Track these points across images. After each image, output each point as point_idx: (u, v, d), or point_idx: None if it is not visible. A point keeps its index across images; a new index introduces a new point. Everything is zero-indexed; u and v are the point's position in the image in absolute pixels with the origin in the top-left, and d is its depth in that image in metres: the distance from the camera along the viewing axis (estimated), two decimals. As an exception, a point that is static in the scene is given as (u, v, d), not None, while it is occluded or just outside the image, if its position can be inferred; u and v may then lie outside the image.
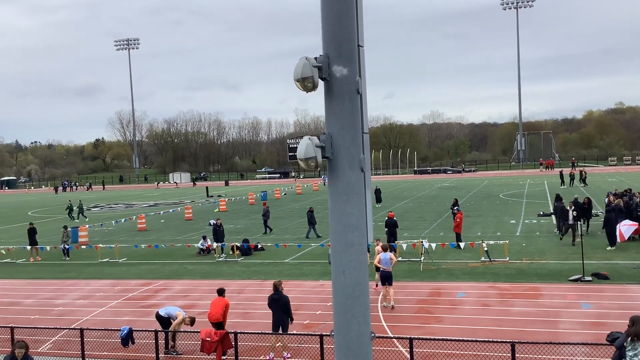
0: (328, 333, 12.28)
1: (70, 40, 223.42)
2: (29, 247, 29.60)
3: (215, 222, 28.63)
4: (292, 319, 14.08)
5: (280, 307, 13.88)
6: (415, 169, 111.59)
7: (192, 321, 14.72)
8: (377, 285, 19.09)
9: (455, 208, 30.64)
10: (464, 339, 12.82)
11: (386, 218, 27.26)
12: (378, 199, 46.35)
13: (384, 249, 18.45)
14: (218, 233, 27.63)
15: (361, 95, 4.55)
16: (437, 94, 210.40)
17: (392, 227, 26.36)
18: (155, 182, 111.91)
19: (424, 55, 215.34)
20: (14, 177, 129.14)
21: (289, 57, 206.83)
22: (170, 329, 14.70)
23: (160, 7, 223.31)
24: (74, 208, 49.73)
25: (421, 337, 13.25)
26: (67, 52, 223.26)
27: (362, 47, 4.59)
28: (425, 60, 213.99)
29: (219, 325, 14.38)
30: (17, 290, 22.59)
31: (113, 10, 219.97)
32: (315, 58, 4.42)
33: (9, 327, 14.75)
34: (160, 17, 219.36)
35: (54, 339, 15.94)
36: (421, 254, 23.50)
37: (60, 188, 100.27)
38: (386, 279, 17.75)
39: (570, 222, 26.27)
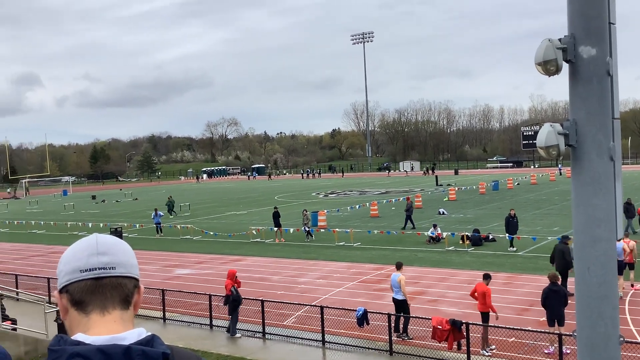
0: (569, 333, 11.53)
1: (311, 38, 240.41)
2: (275, 229, 32.66)
3: (509, 214, 27.03)
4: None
5: (560, 299, 13.57)
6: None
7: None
8: (632, 285, 17.99)
9: None
10: None
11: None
12: None
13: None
14: (510, 225, 26.49)
15: (612, 77, 4.18)
16: None
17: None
18: (386, 170, 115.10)
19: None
20: (263, 165, 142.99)
21: (525, 40, 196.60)
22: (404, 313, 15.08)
23: (393, 0, 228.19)
24: (171, 204, 48.63)
25: (680, 347, 11.73)
26: (308, 49, 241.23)
27: (613, 24, 4.21)
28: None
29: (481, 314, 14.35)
30: (266, 267, 25.10)
31: (349, 7, 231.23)
32: (559, 39, 4.17)
33: (259, 300, 16.52)
34: (393, 10, 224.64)
35: (297, 313, 17.42)
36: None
37: (304, 174, 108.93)
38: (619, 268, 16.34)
39: None
